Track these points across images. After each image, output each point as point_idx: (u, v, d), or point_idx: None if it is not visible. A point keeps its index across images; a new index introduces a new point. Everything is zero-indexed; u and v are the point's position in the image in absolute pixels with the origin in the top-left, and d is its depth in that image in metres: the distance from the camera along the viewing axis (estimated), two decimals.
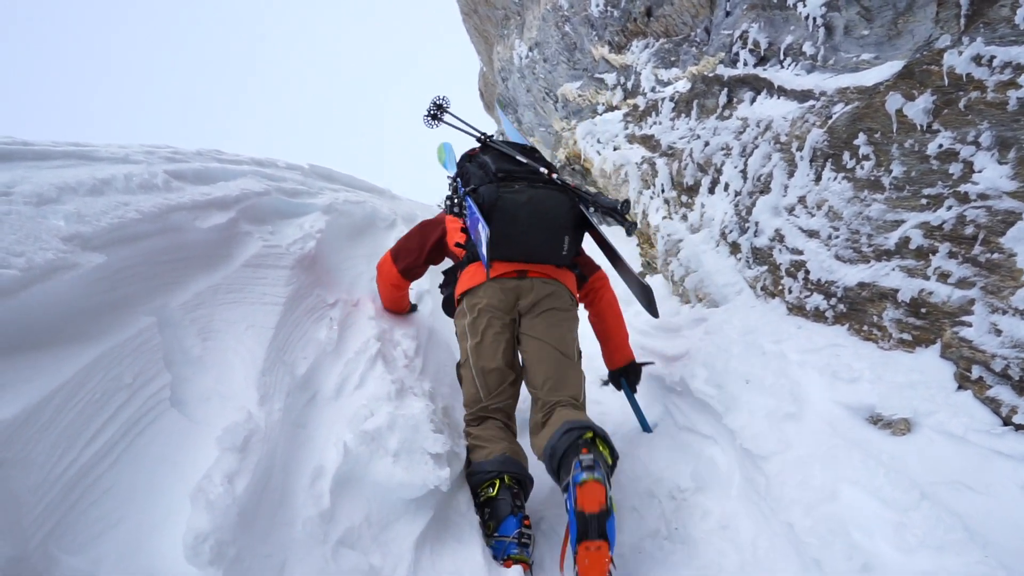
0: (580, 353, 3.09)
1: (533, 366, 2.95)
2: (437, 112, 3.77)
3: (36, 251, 1.73)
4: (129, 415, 1.79)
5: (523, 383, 3.05)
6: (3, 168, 2.22)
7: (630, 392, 3.38)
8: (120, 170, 2.56)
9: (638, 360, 3.44)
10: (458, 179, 3.30)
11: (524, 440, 2.89)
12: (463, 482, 2.64)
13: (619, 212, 3.15)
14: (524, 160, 3.25)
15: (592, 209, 3.28)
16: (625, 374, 3.38)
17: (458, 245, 3.17)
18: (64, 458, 1.55)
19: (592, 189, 6.22)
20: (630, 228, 3.18)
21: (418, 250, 3.38)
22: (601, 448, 2.46)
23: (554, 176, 3.19)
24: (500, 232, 2.93)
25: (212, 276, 2.57)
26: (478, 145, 3.50)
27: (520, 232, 2.98)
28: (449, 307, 3.29)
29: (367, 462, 2.26)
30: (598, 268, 3.40)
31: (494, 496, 2.54)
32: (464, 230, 3.07)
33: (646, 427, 3.37)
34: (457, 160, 3.48)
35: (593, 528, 2.19)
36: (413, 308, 3.84)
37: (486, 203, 2.95)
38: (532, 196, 3.00)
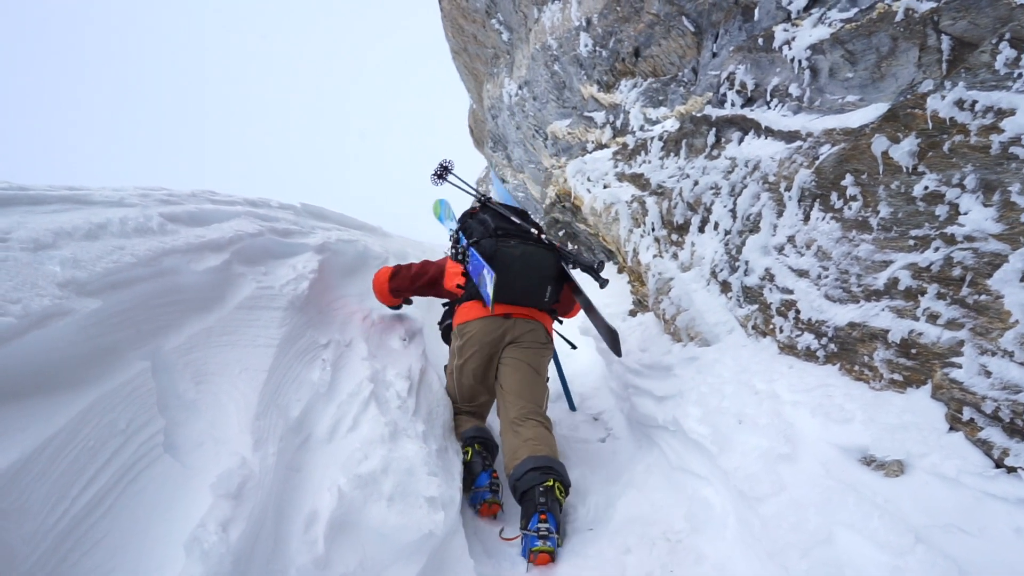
0: (548, 379, 3.83)
1: (509, 376, 3.63)
2: (442, 172, 4.58)
3: (32, 297, 1.73)
4: (123, 462, 1.78)
5: (497, 394, 3.71)
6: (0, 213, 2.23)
7: (558, 362, 4.53)
8: (115, 214, 2.57)
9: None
10: (460, 232, 4.01)
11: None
12: (458, 526, 2.62)
13: (594, 271, 3.78)
14: (518, 221, 3.97)
15: (572, 265, 3.92)
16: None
17: (459, 286, 3.85)
18: (58, 507, 1.54)
19: (574, 240, 6.29)
20: (603, 284, 3.77)
21: (413, 277, 4.07)
22: (557, 493, 3.02)
23: (542, 237, 3.92)
24: (502, 279, 3.57)
25: (206, 319, 2.57)
26: (478, 204, 4.26)
27: (512, 279, 3.65)
28: (447, 336, 4.07)
29: (361, 506, 2.25)
30: (575, 303, 4.15)
31: (469, 460, 3.24)
32: (465, 274, 3.78)
33: (571, 403, 4.47)
34: (458, 217, 4.32)
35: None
36: (399, 306, 4.39)
37: (487, 253, 3.64)
38: (524, 251, 3.73)
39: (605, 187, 5.82)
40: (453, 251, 3.89)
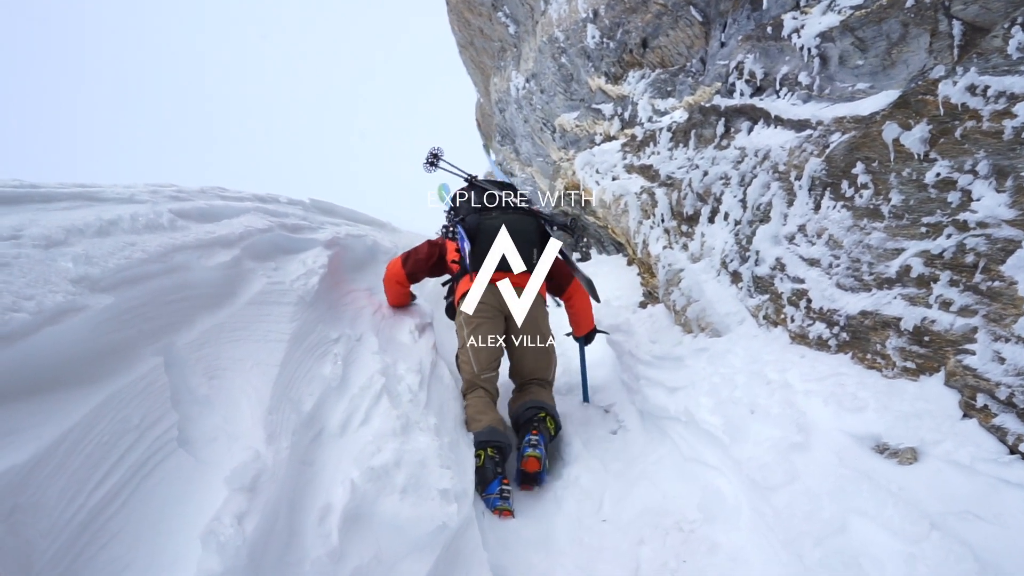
0: (552, 337, 4.08)
1: (520, 359, 3.96)
2: (434, 160, 4.71)
3: (46, 294, 1.75)
4: (137, 457, 1.79)
5: (508, 367, 4.05)
6: (12, 211, 2.24)
7: (583, 349, 4.53)
8: (126, 210, 2.58)
9: (597, 330, 4.49)
10: (451, 211, 4.31)
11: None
12: (472, 518, 2.63)
13: (568, 227, 4.42)
14: (500, 193, 4.16)
15: (553, 227, 4.25)
16: (584, 339, 4.45)
17: (454, 262, 4.17)
18: (74, 502, 1.55)
19: (583, 233, 6.30)
20: (573, 235, 4.61)
21: (425, 259, 4.29)
22: (548, 423, 3.60)
23: (521, 205, 4.17)
24: (484, 248, 3.87)
25: (217, 314, 2.58)
26: (466, 184, 4.43)
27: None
28: (450, 311, 4.24)
29: (374, 499, 2.26)
30: (573, 278, 4.24)
31: (481, 465, 3.27)
32: (458, 250, 4.05)
33: (586, 395, 4.44)
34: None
35: (529, 480, 3.46)
36: (412, 298, 4.55)
37: (470, 227, 3.93)
38: (506, 220, 3.94)
39: (614, 179, 5.82)
40: (444, 230, 4.28)
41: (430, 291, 5.19)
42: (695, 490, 2.87)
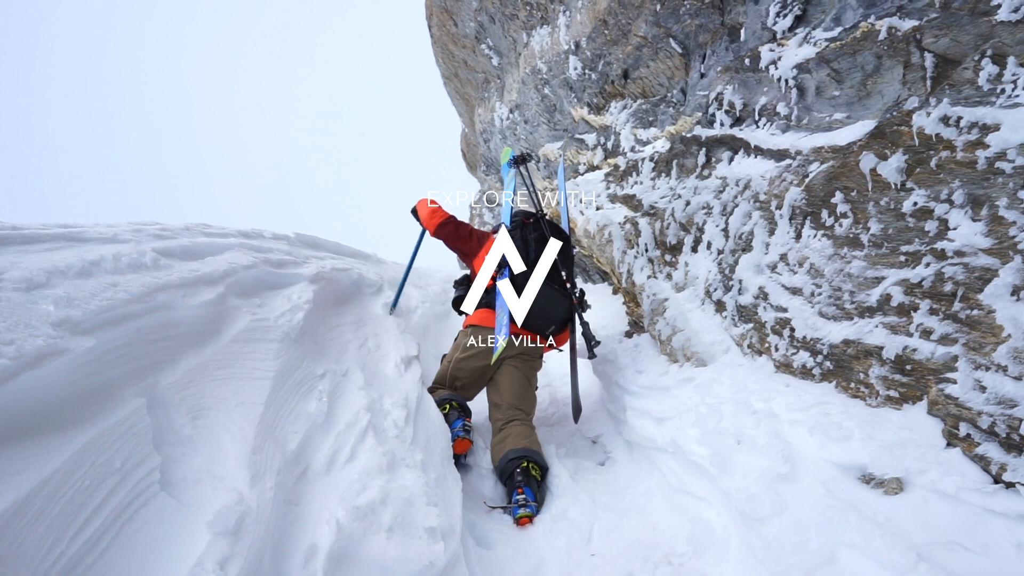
0: (537, 387, 4.35)
1: (504, 385, 4.11)
2: (521, 160, 5.39)
3: (26, 338, 1.74)
4: (119, 501, 1.77)
5: (490, 397, 4.18)
6: None
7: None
8: (109, 250, 2.57)
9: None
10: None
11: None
12: (459, 555, 2.60)
13: (589, 344, 4.31)
14: (556, 257, 4.35)
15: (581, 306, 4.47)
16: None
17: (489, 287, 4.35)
18: (54, 550, 1.53)
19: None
20: (591, 357, 4.46)
21: (454, 237, 4.61)
22: (532, 472, 3.56)
23: (568, 285, 4.40)
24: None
25: (201, 353, 2.57)
26: (531, 215, 4.71)
27: (528, 313, 4.12)
28: (458, 305, 4.54)
29: (360, 539, 2.23)
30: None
31: (447, 412, 3.79)
32: (494, 279, 4.28)
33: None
34: (514, 213, 4.79)
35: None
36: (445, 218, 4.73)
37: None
38: (547, 295, 4.22)
39: (598, 209, 5.84)
40: (494, 230, 4.55)
41: (416, 323, 5.19)
42: (684, 522, 2.86)
